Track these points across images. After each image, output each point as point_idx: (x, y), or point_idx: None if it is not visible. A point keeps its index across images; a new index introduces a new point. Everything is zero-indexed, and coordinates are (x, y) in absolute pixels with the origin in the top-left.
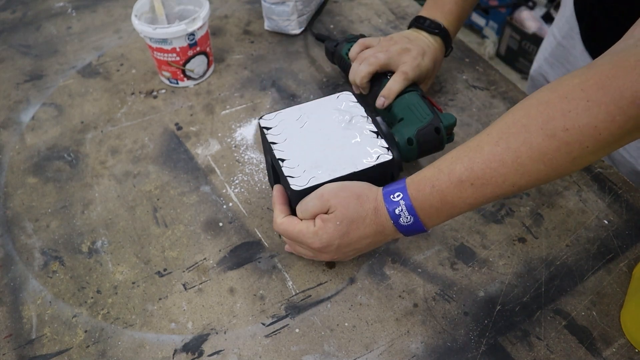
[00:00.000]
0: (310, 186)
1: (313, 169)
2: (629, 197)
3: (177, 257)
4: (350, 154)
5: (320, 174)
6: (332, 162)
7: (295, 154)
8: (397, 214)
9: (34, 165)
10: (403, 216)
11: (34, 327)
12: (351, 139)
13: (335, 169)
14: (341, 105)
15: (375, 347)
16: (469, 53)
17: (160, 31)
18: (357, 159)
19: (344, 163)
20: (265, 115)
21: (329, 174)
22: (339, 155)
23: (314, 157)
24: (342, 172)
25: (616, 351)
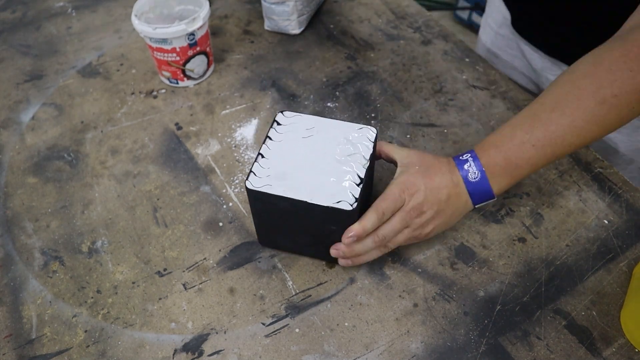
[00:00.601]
0: (261, 191)
1: (278, 178)
2: (629, 197)
3: (177, 257)
4: (321, 184)
5: (278, 187)
6: (299, 182)
7: (276, 157)
8: (465, 169)
9: (34, 165)
10: (471, 171)
11: (34, 327)
12: (333, 172)
13: (297, 189)
14: (356, 137)
15: (375, 347)
16: (469, 53)
17: (160, 31)
18: (322, 191)
19: (308, 189)
20: (285, 112)
21: (285, 190)
22: (311, 180)
23: (288, 169)
24: (298, 196)
25: (616, 351)
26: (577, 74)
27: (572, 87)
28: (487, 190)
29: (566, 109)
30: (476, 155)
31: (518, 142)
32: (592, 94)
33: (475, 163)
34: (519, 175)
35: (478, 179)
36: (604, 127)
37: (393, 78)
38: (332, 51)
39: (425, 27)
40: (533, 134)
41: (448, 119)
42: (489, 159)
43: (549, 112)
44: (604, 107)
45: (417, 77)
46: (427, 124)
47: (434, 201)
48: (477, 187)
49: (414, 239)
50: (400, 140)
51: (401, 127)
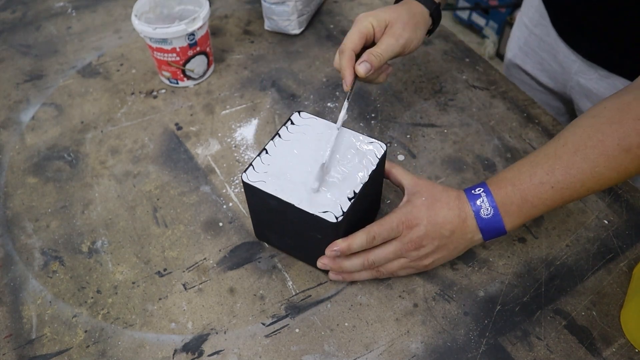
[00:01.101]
0: (254, 186)
1: (274, 177)
2: (629, 197)
3: (177, 257)
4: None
5: (270, 185)
6: (293, 185)
7: (280, 156)
8: (478, 205)
9: (34, 165)
10: (484, 207)
11: (34, 327)
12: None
13: (288, 191)
14: (364, 150)
15: (375, 347)
16: (469, 53)
17: (160, 31)
18: (312, 199)
19: (299, 193)
20: (302, 113)
21: (276, 190)
22: (306, 185)
23: (287, 169)
24: (287, 198)
25: (616, 351)
26: (601, 120)
27: (596, 132)
28: (499, 227)
29: (590, 154)
30: (489, 190)
31: (537, 182)
32: (618, 142)
33: (488, 199)
34: (533, 215)
35: (491, 215)
36: (624, 175)
37: (393, 78)
38: (332, 51)
39: None
40: (553, 176)
41: (448, 119)
42: (505, 197)
43: (571, 155)
44: (628, 155)
45: (417, 77)
46: (427, 124)
47: (435, 236)
48: (489, 223)
49: (411, 269)
50: (400, 140)
51: (401, 127)
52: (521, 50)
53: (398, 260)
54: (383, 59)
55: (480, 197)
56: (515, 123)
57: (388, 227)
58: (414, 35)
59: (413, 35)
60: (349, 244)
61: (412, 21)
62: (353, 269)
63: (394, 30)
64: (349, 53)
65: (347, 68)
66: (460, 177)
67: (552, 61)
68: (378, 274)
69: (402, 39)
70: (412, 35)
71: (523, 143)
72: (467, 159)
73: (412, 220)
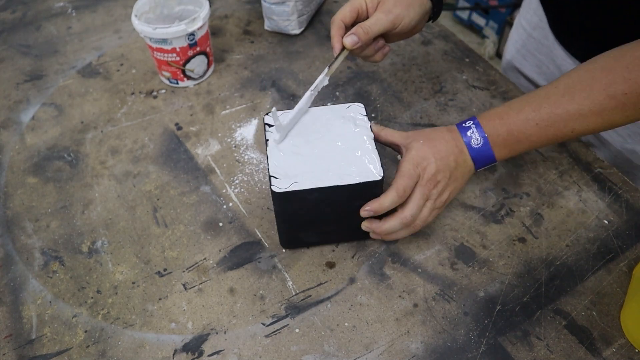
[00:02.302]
0: (290, 190)
1: (300, 174)
2: (629, 197)
3: (177, 257)
4: (341, 166)
5: (304, 181)
6: (321, 171)
7: (286, 155)
8: (468, 136)
9: (34, 165)
10: (474, 138)
11: (34, 327)
12: (346, 152)
13: (322, 178)
14: (349, 115)
15: (375, 347)
16: (469, 53)
17: (160, 31)
18: (346, 171)
19: (332, 174)
20: (271, 113)
21: (313, 182)
22: (329, 165)
23: (304, 161)
24: (327, 183)
25: (616, 351)
26: (596, 65)
27: (587, 76)
28: (489, 155)
29: (576, 96)
30: (479, 122)
31: (523, 118)
32: (605, 87)
33: (478, 130)
34: (517, 149)
35: (481, 145)
36: (608, 122)
37: (393, 78)
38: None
39: (425, 27)
40: (539, 113)
41: (448, 119)
42: (492, 128)
43: (559, 96)
44: (612, 102)
45: (417, 77)
46: (427, 124)
47: (445, 168)
48: (480, 152)
49: (436, 210)
50: None
51: (401, 127)
52: (519, 52)
53: (425, 205)
54: (371, 32)
55: (470, 128)
56: None
57: (409, 175)
58: (406, 13)
59: (404, 13)
60: (381, 203)
61: None
62: (393, 230)
63: (385, 5)
64: (337, 23)
65: (334, 37)
66: None
67: (550, 64)
68: (415, 226)
69: (392, 14)
70: (403, 12)
71: None
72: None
73: (422, 162)
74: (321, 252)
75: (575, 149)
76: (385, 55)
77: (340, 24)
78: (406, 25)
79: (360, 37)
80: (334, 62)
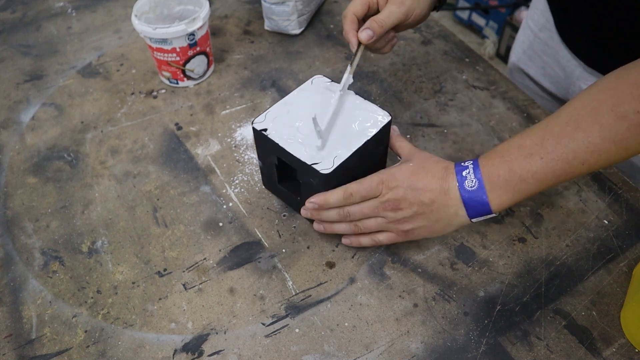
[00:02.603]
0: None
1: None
2: (629, 197)
3: (177, 257)
4: (353, 126)
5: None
6: (342, 139)
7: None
8: (463, 176)
9: (34, 165)
10: (469, 179)
11: (34, 327)
12: (345, 113)
13: (349, 143)
14: (320, 87)
15: (375, 347)
16: (469, 53)
17: (160, 31)
18: (362, 128)
19: (353, 136)
20: (256, 119)
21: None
22: (344, 131)
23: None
24: (357, 144)
25: (616, 351)
26: (599, 87)
27: (591, 100)
28: (483, 202)
29: (582, 123)
30: (477, 163)
31: (525, 153)
32: (612, 108)
33: (475, 171)
34: (523, 190)
35: (475, 188)
36: (624, 147)
37: (393, 78)
38: (332, 51)
39: (425, 27)
40: (543, 146)
41: (448, 119)
42: (492, 168)
43: (563, 125)
44: (624, 123)
45: (417, 77)
46: (427, 124)
47: (414, 202)
48: (472, 196)
49: (391, 233)
50: None
51: (401, 127)
52: (525, 53)
53: (376, 219)
54: (385, 25)
55: (467, 168)
56: (515, 123)
57: (367, 185)
58: (417, 4)
59: (415, 4)
60: (325, 198)
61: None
62: (330, 220)
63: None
64: (350, 17)
65: (349, 32)
66: None
67: (555, 66)
68: (356, 229)
69: (404, 6)
70: (414, 4)
71: None
72: (467, 159)
73: (391, 182)
74: (321, 252)
75: None
76: (393, 46)
77: (354, 18)
78: (418, 16)
79: (376, 30)
80: (354, 59)
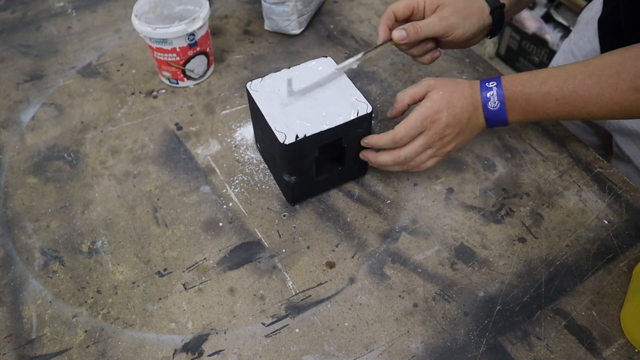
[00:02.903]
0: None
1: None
2: (629, 197)
3: (177, 257)
4: (333, 108)
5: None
6: (318, 118)
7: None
8: (487, 97)
9: (34, 165)
10: (492, 100)
11: (34, 327)
12: (332, 94)
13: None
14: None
15: (375, 347)
16: (469, 53)
17: (160, 31)
18: (340, 112)
19: (329, 117)
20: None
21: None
22: (324, 111)
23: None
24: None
25: (616, 351)
26: (632, 52)
27: (618, 62)
28: (502, 119)
29: (602, 81)
30: (501, 84)
31: (545, 91)
32: (631, 78)
33: (497, 92)
34: (532, 117)
35: (497, 108)
36: (627, 112)
37: (393, 78)
38: (332, 51)
39: None
40: (561, 90)
41: None
42: (512, 94)
43: (586, 77)
44: (635, 94)
45: (417, 77)
46: None
47: (455, 124)
48: (494, 114)
49: (436, 157)
50: None
51: None
52: None
53: (425, 151)
54: (421, 32)
55: (491, 90)
56: None
57: (413, 125)
58: (461, 24)
59: (460, 23)
60: (377, 140)
61: (465, 10)
62: (386, 164)
63: (443, 12)
64: (388, 13)
65: (380, 24)
66: (460, 177)
67: None
68: (408, 168)
69: (446, 21)
70: (459, 22)
71: (523, 143)
72: (467, 158)
73: (434, 115)
74: (321, 252)
75: (575, 149)
76: (434, 59)
77: (391, 15)
78: (459, 36)
79: (410, 34)
80: (372, 50)
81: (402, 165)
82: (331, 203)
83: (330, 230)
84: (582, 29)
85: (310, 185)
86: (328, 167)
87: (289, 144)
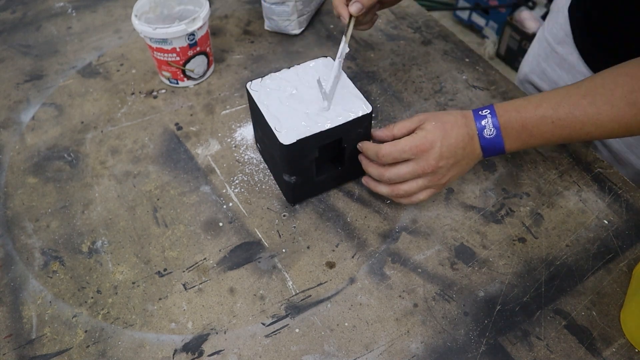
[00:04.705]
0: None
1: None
2: (629, 197)
3: (177, 257)
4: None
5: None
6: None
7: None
8: (482, 125)
9: (34, 165)
10: (487, 127)
11: (34, 327)
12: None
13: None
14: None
15: (375, 347)
16: (469, 53)
17: (160, 31)
18: (340, 112)
19: (329, 117)
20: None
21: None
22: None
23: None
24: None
25: (616, 351)
26: (621, 70)
27: (611, 81)
28: (500, 147)
29: (597, 100)
30: (495, 112)
31: (540, 115)
32: (626, 94)
33: (492, 120)
34: (529, 144)
35: (493, 135)
36: (626, 129)
37: (393, 78)
38: (332, 51)
39: (425, 27)
40: (557, 112)
41: None
42: (507, 120)
43: (580, 97)
44: (632, 109)
45: (417, 77)
46: None
47: (450, 155)
48: (491, 142)
49: (430, 190)
50: None
51: None
52: (539, 66)
53: (415, 182)
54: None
55: (486, 118)
56: None
57: (399, 148)
58: None
59: None
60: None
61: None
62: (372, 175)
63: None
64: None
65: (339, 5)
66: (460, 177)
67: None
68: (398, 196)
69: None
70: None
71: None
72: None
73: (425, 144)
74: (321, 252)
75: (575, 149)
76: (374, 22)
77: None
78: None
79: (364, 2)
80: (348, 30)
81: (390, 190)
82: (331, 203)
83: (330, 230)
84: (554, 16)
85: (310, 185)
86: (328, 167)
87: (289, 144)
